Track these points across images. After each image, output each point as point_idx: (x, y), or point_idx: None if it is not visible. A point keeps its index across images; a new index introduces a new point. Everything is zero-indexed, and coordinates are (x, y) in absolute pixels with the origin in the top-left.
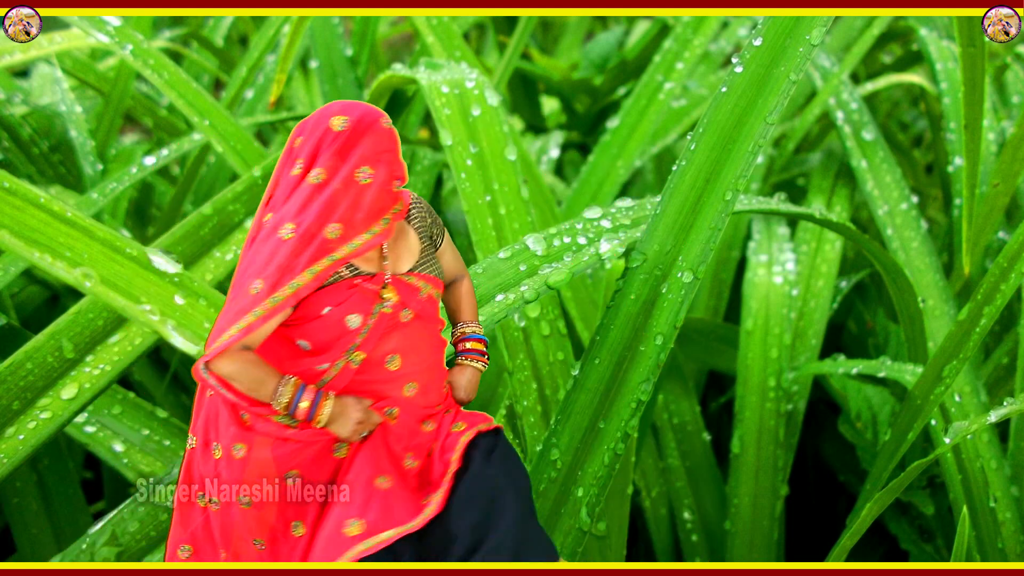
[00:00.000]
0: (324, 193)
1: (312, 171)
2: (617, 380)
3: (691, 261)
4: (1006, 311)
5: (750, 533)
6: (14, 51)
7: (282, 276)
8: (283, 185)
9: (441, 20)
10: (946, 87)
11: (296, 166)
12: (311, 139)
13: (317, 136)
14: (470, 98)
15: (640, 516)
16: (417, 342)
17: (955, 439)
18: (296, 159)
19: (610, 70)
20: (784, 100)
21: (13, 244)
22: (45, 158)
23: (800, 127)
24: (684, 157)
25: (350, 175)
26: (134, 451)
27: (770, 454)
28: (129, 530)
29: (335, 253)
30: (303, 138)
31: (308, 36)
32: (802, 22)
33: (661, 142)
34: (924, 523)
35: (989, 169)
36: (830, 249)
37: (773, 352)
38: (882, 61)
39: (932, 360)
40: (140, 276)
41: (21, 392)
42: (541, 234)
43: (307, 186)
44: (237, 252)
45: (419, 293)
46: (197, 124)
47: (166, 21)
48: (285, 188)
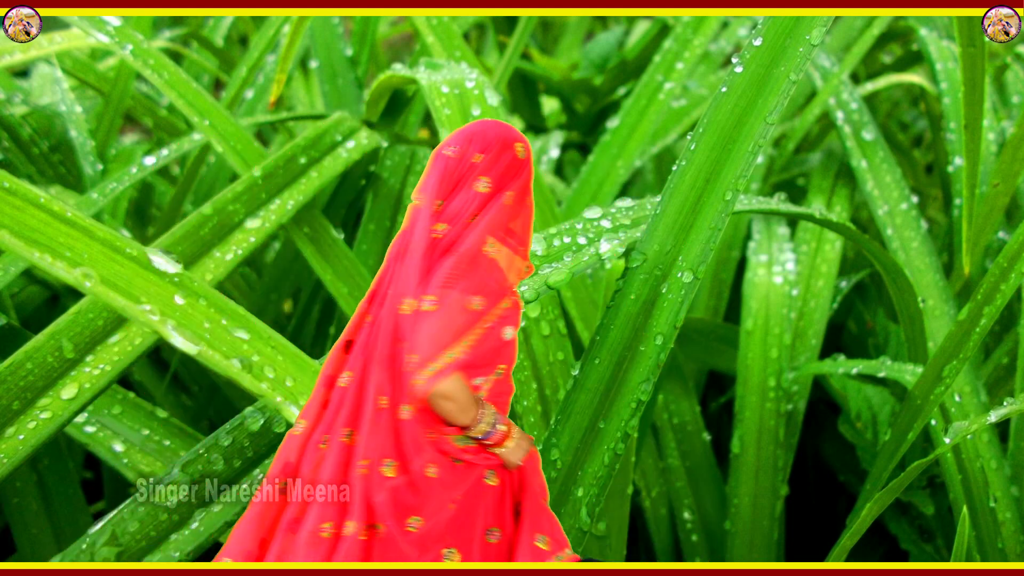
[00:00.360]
0: (519, 215)
1: (504, 193)
2: (617, 380)
3: (691, 261)
4: (1006, 311)
5: (750, 533)
6: (14, 51)
7: (499, 296)
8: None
9: (441, 20)
10: (946, 87)
11: (482, 183)
12: (499, 162)
13: (505, 161)
14: (470, 98)
15: (640, 516)
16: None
17: (955, 439)
18: (479, 175)
19: (610, 70)
20: (784, 100)
21: (13, 244)
22: (45, 158)
23: (800, 127)
24: (684, 157)
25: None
26: (134, 451)
27: (770, 454)
28: (129, 530)
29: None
30: (485, 156)
31: (308, 36)
32: (802, 22)
33: (661, 142)
34: (924, 523)
35: (989, 169)
36: (830, 249)
37: (773, 352)
38: (882, 61)
39: (932, 360)
40: (140, 276)
41: (21, 392)
42: (541, 234)
43: (502, 205)
44: (237, 252)
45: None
46: (197, 124)
47: (166, 21)
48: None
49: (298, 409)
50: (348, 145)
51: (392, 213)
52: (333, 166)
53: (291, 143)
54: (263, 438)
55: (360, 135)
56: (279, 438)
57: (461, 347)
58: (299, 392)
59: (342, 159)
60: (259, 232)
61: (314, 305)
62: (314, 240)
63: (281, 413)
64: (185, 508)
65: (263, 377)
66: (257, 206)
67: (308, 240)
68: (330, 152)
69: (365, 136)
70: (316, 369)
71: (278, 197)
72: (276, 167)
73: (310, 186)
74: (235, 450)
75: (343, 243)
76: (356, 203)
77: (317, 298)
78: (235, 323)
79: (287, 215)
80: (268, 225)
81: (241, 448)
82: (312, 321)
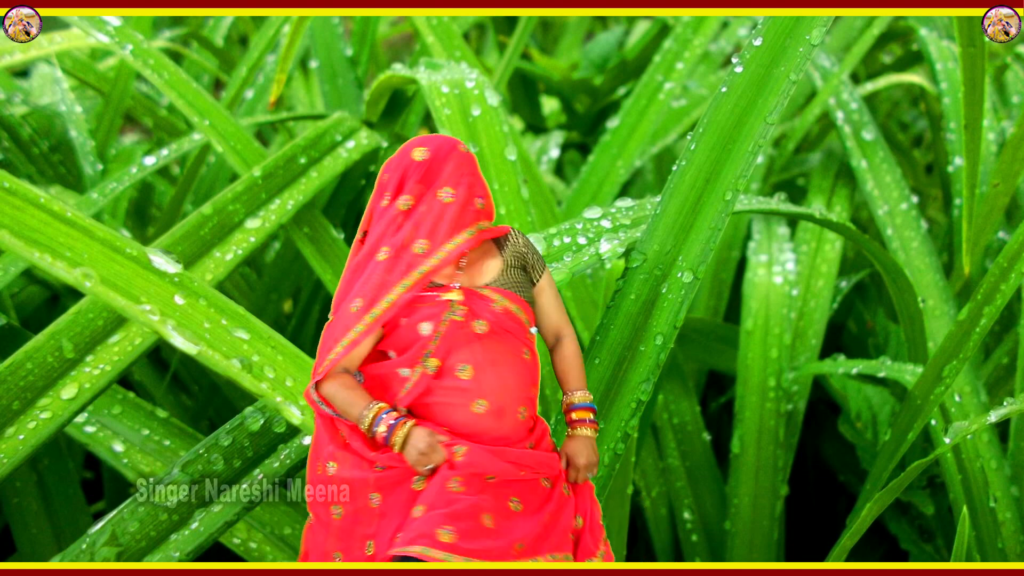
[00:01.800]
0: (412, 215)
1: (400, 199)
2: (617, 380)
3: (691, 261)
4: (1006, 311)
5: (750, 533)
6: (14, 51)
7: (378, 293)
8: (376, 217)
9: (441, 20)
10: (946, 87)
11: (384, 198)
12: (396, 172)
13: (401, 168)
14: (470, 98)
15: (640, 516)
16: (496, 357)
17: (955, 439)
18: (384, 192)
19: (610, 70)
20: (784, 100)
21: (13, 244)
22: (45, 158)
23: (800, 127)
24: (684, 157)
25: (433, 196)
26: (134, 451)
27: (770, 454)
28: (129, 530)
29: (423, 266)
30: (388, 173)
31: (308, 36)
32: (802, 22)
33: (661, 142)
34: (924, 523)
35: (989, 169)
36: (830, 249)
37: (773, 352)
38: (882, 61)
39: (932, 360)
40: (140, 276)
41: (21, 392)
42: (541, 234)
43: (396, 212)
44: (237, 252)
45: (491, 303)
46: (197, 124)
47: (166, 21)
48: (378, 219)
49: (298, 409)
50: (348, 145)
51: None
52: (333, 166)
53: (291, 143)
54: (263, 438)
55: (360, 135)
56: (279, 438)
57: (342, 344)
58: (299, 392)
59: (342, 159)
60: (259, 232)
61: (314, 305)
62: (314, 240)
63: (281, 413)
64: (185, 508)
65: (263, 377)
66: (257, 206)
67: (308, 240)
68: (330, 152)
69: (365, 136)
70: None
71: (278, 197)
72: (276, 167)
73: (310, 186)
74: (235, 450)
75: (343, 243)
76: (356, 203)
77: (317, 298)
78: (235, 323)
79: (287, 215)
80: (268, 225)
81: (241, 448)
82: (312, 321)
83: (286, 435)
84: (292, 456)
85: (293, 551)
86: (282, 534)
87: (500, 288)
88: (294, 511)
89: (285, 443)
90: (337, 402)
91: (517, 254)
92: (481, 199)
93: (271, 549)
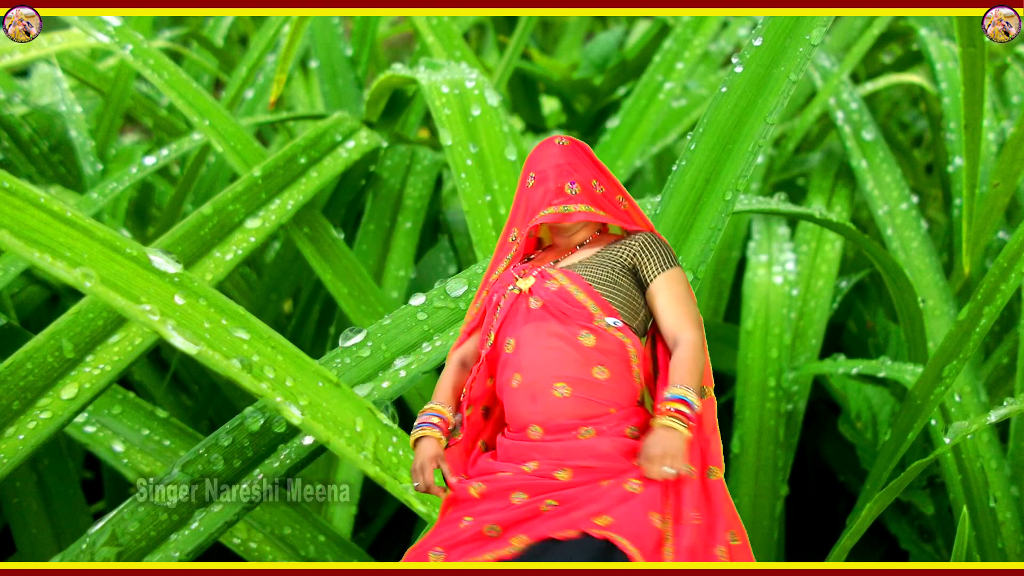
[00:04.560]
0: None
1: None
2: None
3: (691, 261)
4: (1006, 311)
5: (750, 533)
6: (14, 51)
7: (486, 276)
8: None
9: (441, 20)
10: (946, 87)
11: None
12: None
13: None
14: (470, 98)
15: None
16: (540, 333)
17: (955, 439)
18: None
19: (610, 70)
20: (784, 100)
21: (13, 244)
22: (45, 158)
23: (800, 127)
24: (684, 157)
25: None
26: (134, 451)
27: (770, 454)
28: (129, 530)
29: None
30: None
31: (308, 36)
32: (802, 22)
33: (661, 142)
34: (924, 523)
35: (989, 169)
36: (830, 249)
37: (773, 352)
38: (882, 61)
39: (932, 360)
40: (140, 276)
41: (21, 392)
42: None
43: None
44: (237, 252)
45: (547, 282)
46: (197, 124)
47: (166, 21)
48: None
49: (298, 409)
50: (348, 145)
51: (392, 213)
52: (333, 166)
53: (291, 143)
54: (263, 438)
55: (360, 135)
56: (279, 438)
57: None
58: (299, 392)
59: (342, 159)
60: (259, 232)
61: (314, 305)
62: (314, 240)
63: (281, 413)
64: (185, 508)
65: (263, 377)
66: (257, 206)
67: (308, 240)
68: (330, 152)
69: (365, 136)
70: (316, 369)
71: (278, 197)
72: (276, 167)
73: (310, 186)
74: (235, 450)
75: (343, 243)
76: (356, 203)
77: (317, 298)
78: (235, 323)
79: (287, 215)
80: (268, 225)
81: (241, 448)
82: (312, 321)
83: (286, 435)
84: (292, 456)
85: (293, 551)
86: (282, 534)
87: (568, 271)
88: (294, 511)
89: (285, 443)
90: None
91: (625, 251)
92: (575, 184)
93: (271, 549)
